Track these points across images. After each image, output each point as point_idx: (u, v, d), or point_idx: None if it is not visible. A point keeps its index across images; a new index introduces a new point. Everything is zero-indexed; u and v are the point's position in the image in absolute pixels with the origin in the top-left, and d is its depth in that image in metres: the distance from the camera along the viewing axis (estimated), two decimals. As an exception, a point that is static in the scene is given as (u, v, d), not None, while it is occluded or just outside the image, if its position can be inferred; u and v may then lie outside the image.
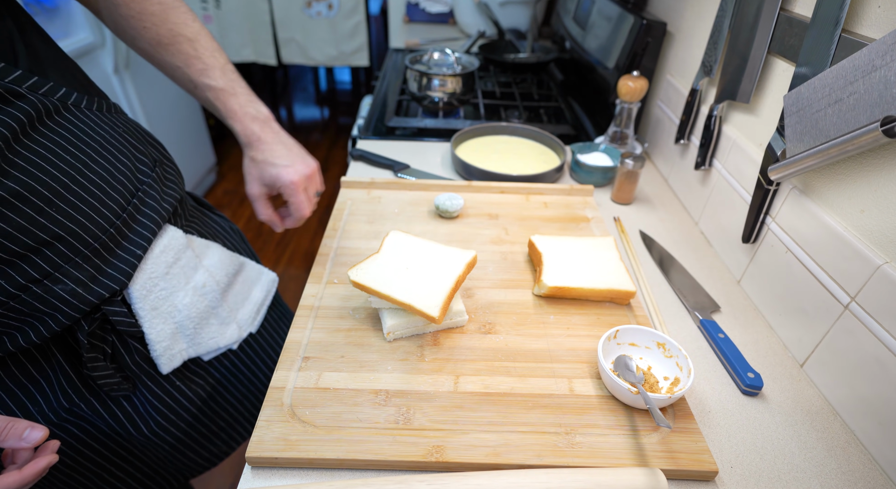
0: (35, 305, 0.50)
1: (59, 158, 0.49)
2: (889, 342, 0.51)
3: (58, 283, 0.50)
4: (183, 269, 0.63)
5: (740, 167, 0.78)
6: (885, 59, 0.49)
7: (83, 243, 0.51)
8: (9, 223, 0.45)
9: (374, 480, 0.47)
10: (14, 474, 0.43)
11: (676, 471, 0.50)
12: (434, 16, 1.97)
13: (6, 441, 0.43)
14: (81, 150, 0.51)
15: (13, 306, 0.49)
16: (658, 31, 1.03)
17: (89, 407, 0.61)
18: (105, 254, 0.53)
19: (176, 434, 0.69)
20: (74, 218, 0.50)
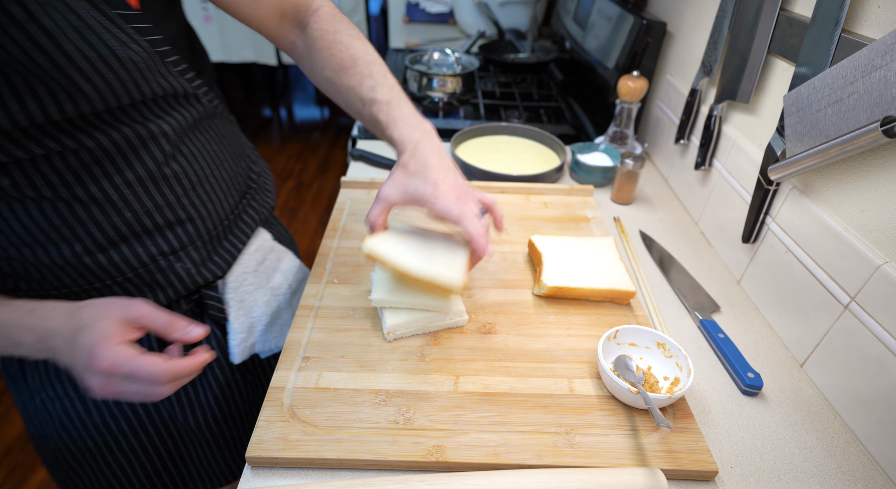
0: (156, 277, 0.56)
1: (209, 152, 0.59)
2: (889, 342, 0.51)
3: (179, 261, 0.57)
4: (266, 270, 0.70)
5: (740, 167, 0.78)
6: (885, 59, 0.49)
7: (205, 228, 0.59)
8: (163, 198, 0.54)
9: (374, 480, 0.47)
10: (185, 360, 0.48)
11: (676, 471, 0.50)
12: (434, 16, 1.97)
13: (174, 333, 0.49)
14: (221, 149, 0.62)
15: (140, 274, 0.55)
16: (658, 31, 1.03)
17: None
18: (216, 243, 0.62)
19: (224, 429, 0.71)
20: (206, 204, 0.59)
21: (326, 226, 0.82)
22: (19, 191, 0.47)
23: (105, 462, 0.66)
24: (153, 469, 0.69)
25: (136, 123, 0.51)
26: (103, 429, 0.64)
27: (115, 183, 0.50)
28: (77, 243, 0.51)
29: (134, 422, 0.64)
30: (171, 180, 0.54)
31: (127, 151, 0.50)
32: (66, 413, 0.62)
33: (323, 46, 0.63)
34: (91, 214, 0.50)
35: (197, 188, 0.57)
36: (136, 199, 0.52)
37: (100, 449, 0.65)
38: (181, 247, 0.57)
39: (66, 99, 0.44)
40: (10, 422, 1.56)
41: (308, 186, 2.78)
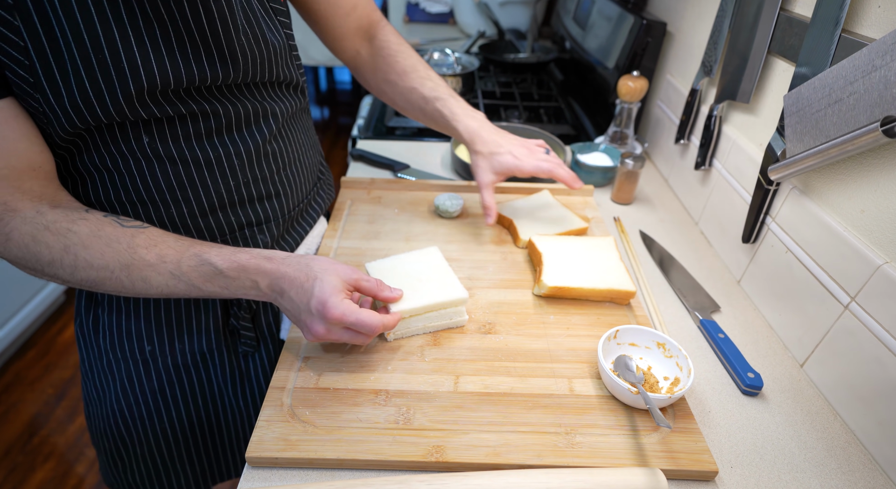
0: (238, 245, 0.61)
1: (297, 140, 0.67)
2: (889, 342, 0.51)
3: (261, 233, 0.63)
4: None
5: (740, 167, 0.78)
6: (885, 59, 0.49)
7: (287, 207, 0.66)
8: (261, 172, 0.61)
9: (374, 480, 0.47)
10: (389, 315, 0.56)
11: (676, 471, 0.50)
12: (434, 16, 1.97)
13: (382, 292, 0.57)
14: (305, 140, 0.70)
15: (227, 241, 0.60)
16: (658, 31, 1.03)
17: (220, 357, 0.68)
18: (291, 223, 0.68)
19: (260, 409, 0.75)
20: (291, 184, 0.66)
21: (326, 226, 0.82)
22: (153, 148, 0.52)
23: (153, 432, 0.69)
24: (194, 447, 0.72)
25: (257, 101, 0.58)
26: (158, 396, 0.67)
27: (230, 151, 0.57)
28: (186, 205, 0.56)
29: (188, 392, 0.68)
30: (269, 157, 0.61)
31: (243, 123, 0.57)
32: (128, 376, 0.66)
33: (389, 54, 0.75)
34: (203, 178, 0.56)
35: (287, 168, 0.65)
36: (241, 169, 0.58)
37: (151, 417, 0.68)
38: (265, 221, 0.63)
39: (220, 67, 0.52)
40: (10, 421, 1.56)
41: (308, 186, 2.78)
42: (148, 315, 0.63)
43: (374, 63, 0.77)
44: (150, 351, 0.65)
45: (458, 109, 0.74)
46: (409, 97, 0.76)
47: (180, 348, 0.65)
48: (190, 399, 0.69)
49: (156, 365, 0.66)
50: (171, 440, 0.70)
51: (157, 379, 0.67)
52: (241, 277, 0.52)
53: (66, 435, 1.54)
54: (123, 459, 0.71)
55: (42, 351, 1.79)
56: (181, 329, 0.65)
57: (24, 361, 1.75)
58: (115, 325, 0.64)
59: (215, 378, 0.70)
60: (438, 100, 0.74)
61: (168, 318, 0.64)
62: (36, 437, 1.52)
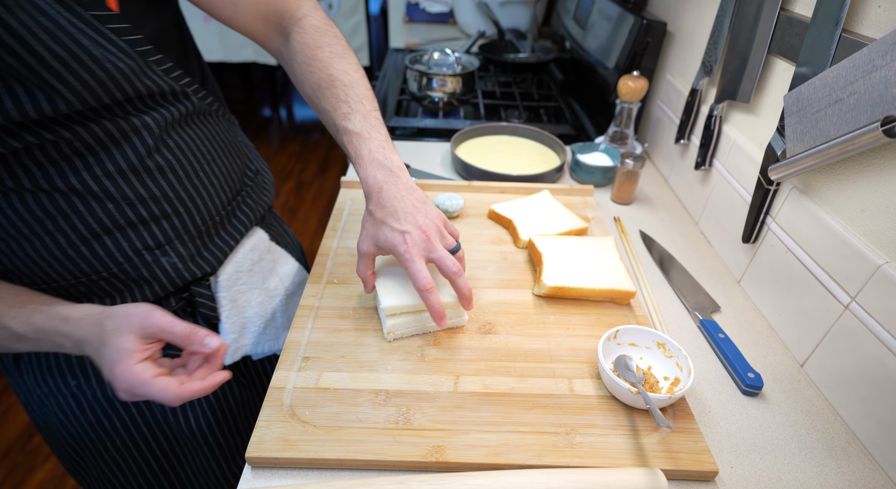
0: (141, 272, 0.56)
1: (197, 148, 0.59)
2: (889, 342, 0.51)
3: (165, 255, 0.57)
4: (262, 270, 0.69)
5: (740, 167, 0.78)
6: (885, 59, 0.49)
7: (194, 223, 0.59)
8: (147, 190, 0.54)
9: (374, 480, 0.46)
10: (197, 383, 0.48)
11: (676, 471, 0.50)
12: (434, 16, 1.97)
13: (192, 344, 0.48)
14: (213, 146, 0.61)
15: (124, 268, 0.55)
16: (658, 31, 1.03)
17: None
18: (206, 239, 0.61)
19: (217, 434, 0.70)
20: (194, 199, 0.58)
21: (326, 226, 0.82)
22: (1, 183, 0.47)
23: (103, 458, 0.66)
24: (150, 469, 0.69)
25: (117, 118, 0.51)
26: (97, 427, 0.64)
27: (96, 174, 0.50)
28: (60, 236, 0.51)
29: (127, 421, 0.64)
30: (156, 173, 0.54)
31: (107, 143, 0.50)
32: (60, 409, 0.63)
33: (303, 61, 0.62)
34: (73, 206, 0.50)
35: (184, 182, 0.57)
36: (118, 191, 0.52)
37: (95, 445, 0.65)
38: (167, 241, 0.57)
39: (42, 98, 0.44)
40: (9, 421, 1.56)
41: (308, 186, 2.78)
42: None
43: (292, 70, 0.65)
44: (76, 385, 0.61)
45: (365, 152, 0.59)
46: (325, 119, 0.64)
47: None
48: (132, 428, 0.65)
49: (87, 398, 0.62)
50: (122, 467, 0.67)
51: (91, 411, 0.63)
52: (43, 339, 0.49)
53: (66, 435, 1.54)
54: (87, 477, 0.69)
55: (42, 351, 1.79)
56: None
57: (24, 361, 1.75)
58: (35, 362, 0.60)
59: (155, 406, 0.65)
60: (347, 133, 0.60)
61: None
62: (36, 437, 1.52)
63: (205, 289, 0.62)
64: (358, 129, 0.60)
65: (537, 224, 0.81)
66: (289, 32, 0.64)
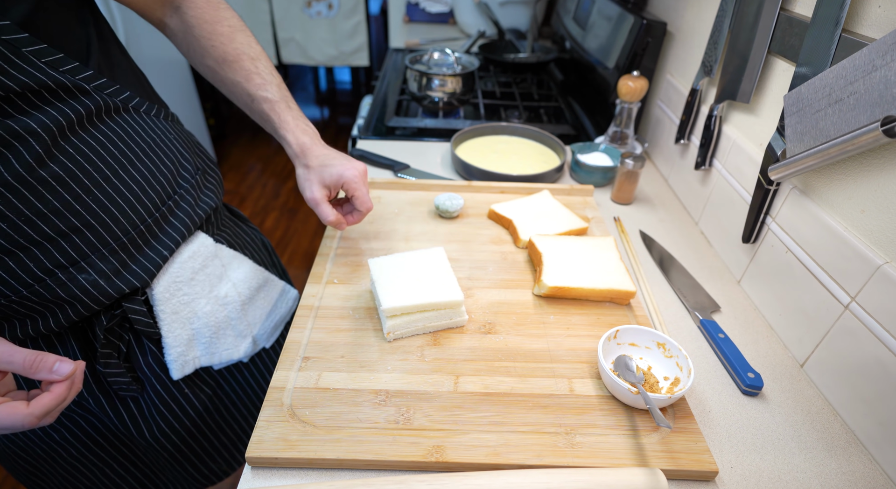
0: (57, 292, 0.51)
1: (106, 152, 0.52)
2: (889, 342, 0.51)
3: (82, 272, 0.52)
4: (208, 277, 0.64)
5: (740, 167, 0.78)
6: (885, 59, 0.49)
7: (112, 236, 0.53)
8: (45, 205, 0.48)
9: (374, 480, 0.46)
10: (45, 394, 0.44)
11: (676, 471, 0.50)
12: (434, 16, 1.97)
13: (38, 373, 0.43)
14: (129, 147, 0.55)
15: (36, 290, 0.50)
16: (658, 31, 1.03)
17: (96, 403, 0.61)
18: (132, 251, 0.55)
19: (177, 442, 0.69)
20: (108, 210, 0.52)
21: (326, 226, 0.82)
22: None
23: (60, 466, 0.64)
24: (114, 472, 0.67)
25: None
26: (46, 439, 0.62)
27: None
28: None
29: (77, 432, 0.62)
30: (54, 183, 0.48)
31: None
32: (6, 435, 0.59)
33: (202, 35, 0.62)
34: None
35: (93, 192, 0.51)
36: (9, 207, 0.46)
37: (50, 455, 0.63)
38: (83, 257, 0.52)
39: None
40: (9, 422, 1.55)
41: (308, 186, 2.77)
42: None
43: (188, 42, 0.63)
44: None
45: (290, 118, 0.64)
46: (233, 90, 0.65)
47: None
48: (85, 439, 0.63)
49: None
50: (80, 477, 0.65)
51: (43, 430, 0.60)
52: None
53: (66, 435, 1.53)
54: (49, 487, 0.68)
55: (42, 351, 1.79)
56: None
57: (24, 361, 1.75)
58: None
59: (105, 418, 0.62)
60: (266, 101, 0.63)
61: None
62: (36, 437, 1.52)
63: (139, 306, 0.57)
64: (277, 98, 0.64)
65: (537, 224, 0.81)
66: (178, 5, 0.63)
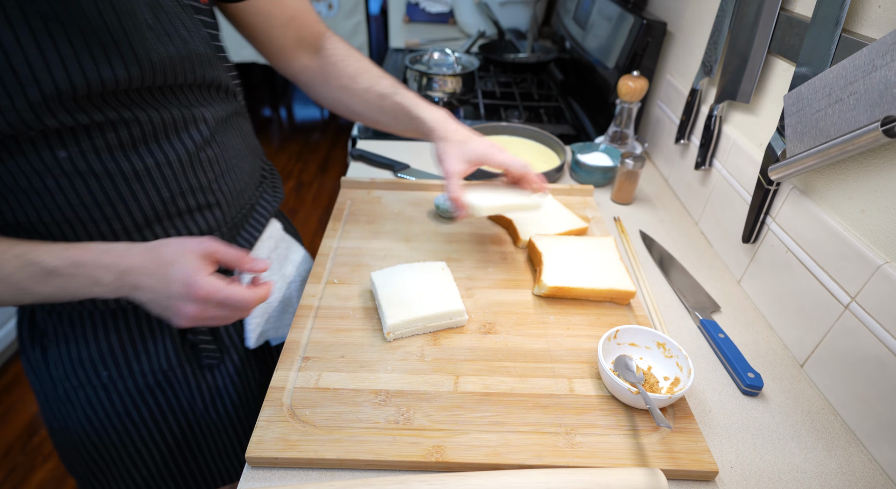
0: None
1: (234, 145, 0.63)
2: (889, 342, 0.51)
3: None
4: (278, 258, 0.74)
5: (740, 167, 0.78)
6: (885, 59, 0.49)
7: (229, 215, 0.63)
8: (199, 180, 0.57)
9: (374, 480, 0.47)
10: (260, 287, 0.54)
11: (676, 471, 0.50)
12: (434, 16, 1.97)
13: (245, 265, 0.53)
14: (244, 144, 0.66)
15: None
16: (658, 31, 1.03)
17: (182, 373, 0.66)
18: (235, 231, 0.65)
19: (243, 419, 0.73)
20: (231, 192, 0.62)
21: (326, 226, 0.82)
22: (73, 163, 0.48)
23: (126, 453, 0.67)
24: (173, 461, 0.70)
25: (182, 106, 0.54)
26: (125, 419, 0.65)
27: (158, 160, 0.53)
28: (117, 222, 0.53)
29: (155, 412, 0.66)
30: (205, 165, 0.58)
31: (171, 130, 0.54)
32: (89, 402, 0.63)
33: (338, 60, 0.73)
34: (133, 192, 0.52)
35: (225, 176, 0.61)
36: (174, 179, 0.55)
37: (121, 439, 0.66)
38: (208, 231, 0.60)
39: (119, 65, 0.46)
40: (9, 422, 1.56)
41: (308, 186, 2.78)
42: (98, 340, 0.60)
43: (325, 72, 0.74)
44: (108, 376, 0.62)
45: (421, 102, 0.72)
46: (366, 97, 0.73)
47: (139, 369, 0.63)
48: (160, 418, 0.66)
49: (116, 388, 0.63)
50: (146, 459, 0.68)
51: (121, 402, 0.64)
52: (78, 274, 0.49)
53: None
54: (101, 482, 0.69)
55: (42, 351, 1.79)
56: (137, 351, 0.62)
57: (24, 361, 1.75)
58: (66, 355, 0.61)
59: (182, 394, 0.67)
60: (397, 94, 0.72)
61: (120, 343, 0.61)
62: (36, 437, 1.52)
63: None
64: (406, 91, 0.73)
65: (537, 224, 0.81)
66: (320, 47, 0.74)
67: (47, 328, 0.61)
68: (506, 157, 0.69)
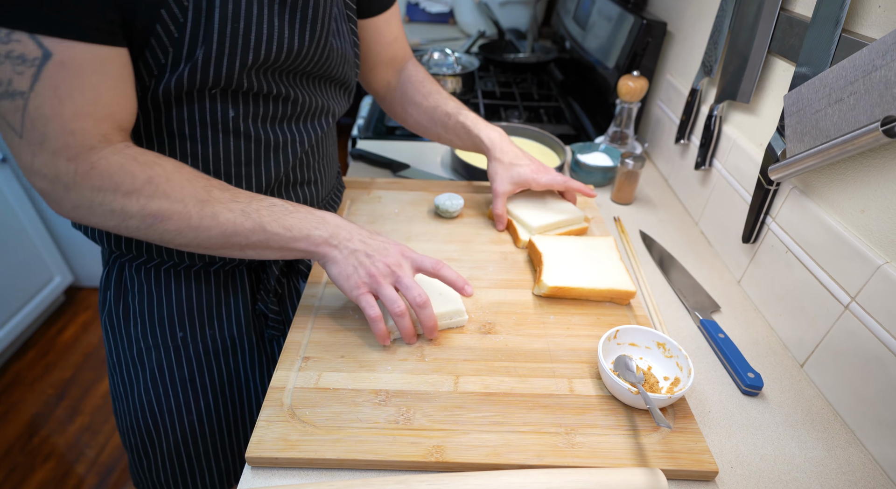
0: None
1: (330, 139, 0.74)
2: (889, 342, 0.51)
3: None
4: None
5: (740, 167, 0.78)
6: (885, 59, 0.49)
7: (321, 194, 0.73)
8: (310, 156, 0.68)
9: (374, 480, 0.47)
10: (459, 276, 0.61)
11: (676, 471, 0.50)
12: (434, 16, 1.97)
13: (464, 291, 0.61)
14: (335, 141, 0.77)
15: None
16: (658, 31, 1.03)
17: (248, 342, 0.71)
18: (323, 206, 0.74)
19: None
20: (326, 174, 0.74)
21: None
22: (236, 124, 0.57)
23: (181, 425, 0.69)
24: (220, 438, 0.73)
25: (324, 97, 0.65)
26: (189, 385, 0.68)
27: (294, 137, 0.63)
28: (247, 181, 0.61)
29: (216, 381, 0.70)
30: (315, 146, 0.68)
31: (311, 115, 0.64)
32: (159, 364, 0.68)
33: (416, 81, 0.84)
34: (268, 160, 0.62)
35: (324, 159, 0.72)
36: (293, 155, 0.64)
37: (179, 408, 0.69)
38: (305, 202, 0.68)
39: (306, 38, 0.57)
40: (10, 421, 1.56)
41: (308, 186, 2.77)
42: (180, 300, 0.66)
43: (403, 89, 0.84)
44: (182, 337, 0.67)
45: (481, 122, 0.81)
46: (433, 114, 0.82)
47: (210, 334, 0.68)
48: (218, 388, 0.71)
49: (186, 352, 0.68)
50: (197, 434, 0.71)
51: (188, 366, 0.68)
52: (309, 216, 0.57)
53: (66, 435, 1.54)
54: (150, 456, 0.71)
55: (42, 351, 1.80)
56: (211, 314, 0.68)
57: (24, 361, 1.75)
58: (147, 312, 0.66)
59: (242, 365, 0.71)
60: (461, 114, 0.81)
61: (199, 303, 0.67)
62: (36, 437, 1.52)
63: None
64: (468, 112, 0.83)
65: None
66: (403, 68, 0.85)
67: (134, 284, 0.66)
68: (547, 179, 0.78)
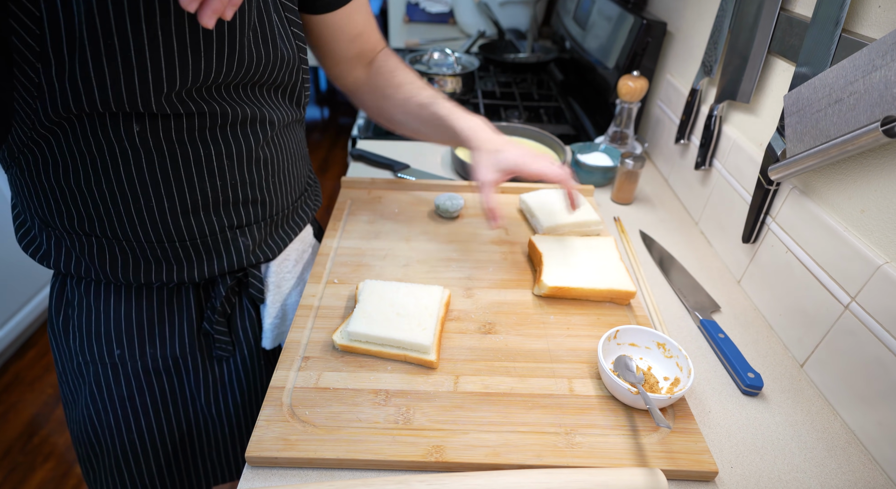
0: (219, 247, 0.61)
1: (288, 149, 0.66)
2: (889, 342, 0.51)
3: (242, 236, 0.63)
4: (303, 262, 0.76)
5: (740, 167, 0.78)
6: (885, 59, 0.49)
7: (270, 213, 0.65)
8: (251, 175, 0.60)
9: (374, 480, 0.46)
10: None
11: (676, 472, 0.50)
12: (434, 16, 1.97)
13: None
14: (296, 150, 0.69)
15: (206, 241, 0.60)
16: (658, 31, 1.03)
17: (193, 362, 0.67)
18: (272, 228, 0.67)
19: (241, 418, 0.73)
20: (276, 192, 0.65)
21: (326, 226, 0.82)
22: (143, 139, 0.51)
23: (121, 443, 0.67)
24: (173, 454, 0.71)
25: (254, 104, 0.58)
26: (127, 403, 0.66)
27: (219, 151, 0.56)
28: (169, 201, 0.56)
29: (158, 400, 0.67)
30: (259, 163, 0.61)
31: (237, 124, 0.57)
32: (97, 380, 0.65)
33: (386, 72, 0.76)
34: (191, 176, 0.55)
35: (275, 176, 0.64)
36: (230, 171, 0.58)
37: (119, 426, 0.67)
38: (247, 224, 0.63)
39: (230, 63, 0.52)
40: (10, 421, 1.56)
41: (308, 186, 2.78)
42: (118, 317, 0.62)
43: (372, 82, 0.76)
44: (120, 354, 0.64)
45: (458, 111, 0.72)
46: (406, 107, 0.74)
47: (151, 353, 0.64)
48: (161, 407, 0.67)
49: (125, 369, 0.64)
50: (139, 452, 0.68)
51: (127, 385, 0.65)
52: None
53: (66, 435, 1.54)
54: (95, 468, 0.69)
55: (42, 351, 1.79)
56: (153, 332, 0.64)
57: (24, 361, 1.75)
58: (86, 327, 0.63)
59: (187, 384, 0.68)
60: (435, 104, 0.72)
61: (140, 321, 0.63)
62: (36, 437, 1.52)
63: (258, 271, 0.68)
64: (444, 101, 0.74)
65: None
66: (373, 60, 0.77)
67: (74, 298, 0.63)
68: (540, 166, 0.67)
